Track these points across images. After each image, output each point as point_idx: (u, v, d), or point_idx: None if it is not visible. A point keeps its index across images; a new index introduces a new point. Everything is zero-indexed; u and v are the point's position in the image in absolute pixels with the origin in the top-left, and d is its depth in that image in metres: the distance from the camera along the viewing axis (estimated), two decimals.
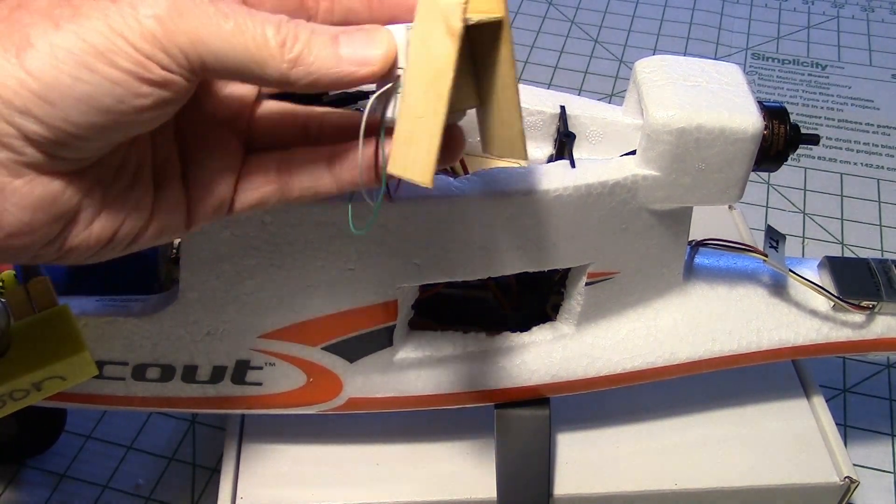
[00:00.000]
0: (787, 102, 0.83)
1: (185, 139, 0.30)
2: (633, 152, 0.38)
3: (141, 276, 0.41)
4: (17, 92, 0.24)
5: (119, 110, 0.25)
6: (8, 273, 0.36)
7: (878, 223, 0.72)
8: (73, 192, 0.26)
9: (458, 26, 0.28)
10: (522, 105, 0.40)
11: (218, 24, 0.25)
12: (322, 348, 0.40)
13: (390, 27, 0.29)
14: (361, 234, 0.34)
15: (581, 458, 0.46)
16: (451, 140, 0.30)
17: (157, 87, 0.25)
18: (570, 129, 0.40)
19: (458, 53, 0.28)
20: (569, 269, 0.41)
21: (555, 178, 0.37)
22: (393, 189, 0.34)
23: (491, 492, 0.44)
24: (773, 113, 0.39)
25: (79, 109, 0.24)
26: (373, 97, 0.29)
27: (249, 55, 0.26)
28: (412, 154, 0.29)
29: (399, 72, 0.28)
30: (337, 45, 0.27)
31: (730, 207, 0.60)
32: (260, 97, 0.32)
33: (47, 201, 0.26)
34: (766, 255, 0.44)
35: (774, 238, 0.45)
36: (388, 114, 0.29)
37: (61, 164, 0.26)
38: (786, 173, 0.68)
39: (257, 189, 0.30)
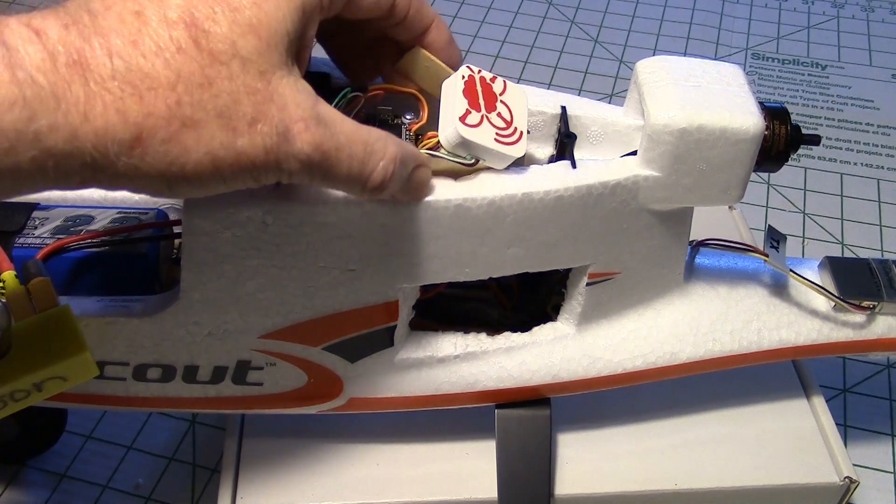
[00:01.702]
0: (788, 102, 0.83)
1: None
2: (635, 153, 0.38)
3: (142, 277, 0.41)
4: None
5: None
6: (9, 273, 0.36)
7: (878, 223, 0.72)
8: None
9: None
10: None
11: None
12: (323, 348, 0.40)
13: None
14: None
15: (581, 458, 0.46)
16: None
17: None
18: (571, 129, 0.40)
19: None
20: (569, 270, 0.41)
21: (556, 179, 0.37)
22: None
23: (491, 492, 0.44)
24: (774, 113, 0.39)
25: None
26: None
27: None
28: None
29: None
30: (406, 190, 0.34)
31: (730, 207, 0.60)
32: None
33: None
34: (767, 256, 0.44)
35: (775, 238, 0.45)
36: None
37: None
38: (786, 173, 0.68)
39: None
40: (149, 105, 0.26)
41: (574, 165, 0.38)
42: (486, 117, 0.36)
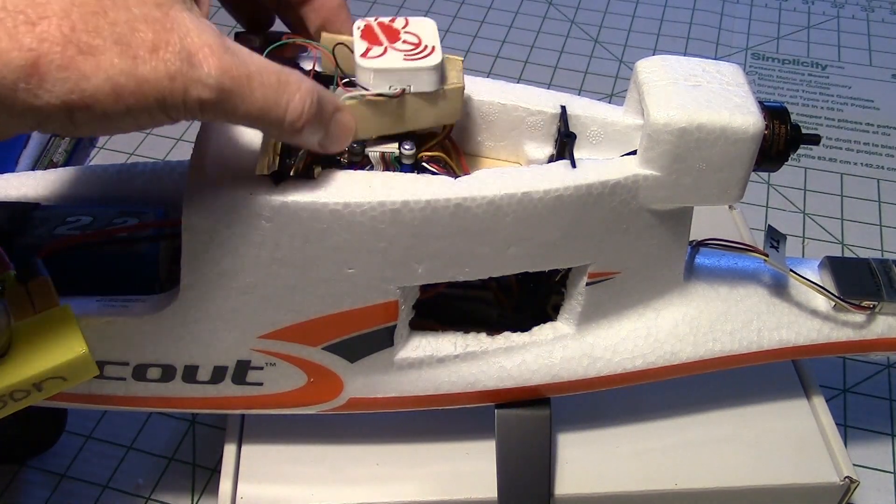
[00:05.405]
0: (787, 102, 0.83)
1: None
2: (634, 152, 0.38)
3: (142, 277, 0.41)
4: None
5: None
6: (8, 273, 0.36)
7: (878, 223, 0.72)
8: None
9: None
10: (523, 105, 0.41)
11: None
12: (323, 348, 0.40)
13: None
14: None
15: (581, 458, 0.46)
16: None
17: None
18: (571, 129, 0.40)
19: None
20: (569, 270, 0.41)
21: (555, 178, 0.37)
22: None
23: (491, 492, 0.44)
24: (774, 113, 0.39)
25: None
26: None
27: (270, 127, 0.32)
28: None
29: None
30: (327, 133, 0.34)
31: (730, 207, 0.60)
32: None
33: None
34: (767, 255, 0.44)
35: (775, 238, 0.45)
36: None
37: None
38: (786, 173, 0.68)
39: None
40: (42, 32, 0.26)
41: (574, 165, 0.38)
42: (390, 47, 0.36)
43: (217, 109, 0.29)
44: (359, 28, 0.37)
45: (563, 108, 0.41)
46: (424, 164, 0.39)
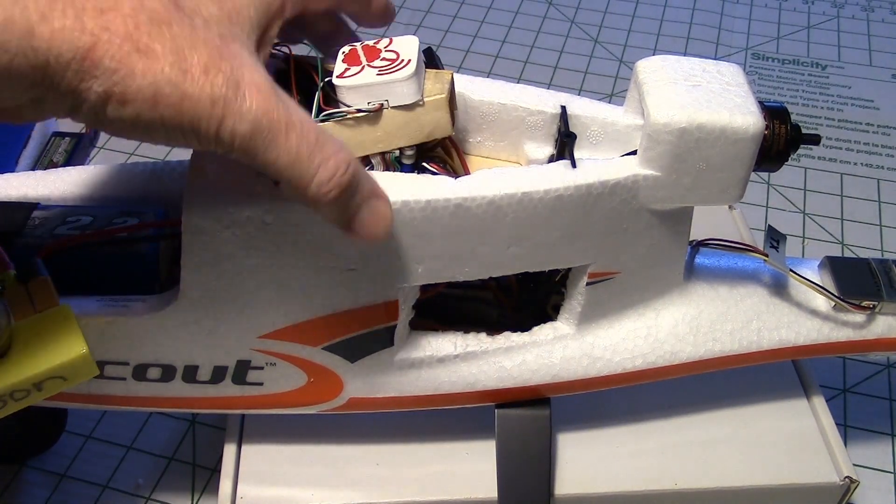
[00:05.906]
0: (787, 102, 0.83)
1: None
2: (634, 152, 0.38)
3: (142, 277, 0.41)
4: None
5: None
6: (8, 273, 0.36)
7: (878, 223, 0.72)
8: None
9: None
10: (523, 105, 0.41)
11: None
12: (323, 348, 0.40)
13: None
14: None
15: (581, 458, 0.46)
16: None
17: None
18: (571, 129, 0.40)
19: None
20: (569, 269, 0.41)
21: (555, 178, 0.37)
22: None
23: (491, 492, 0.44)
24: (774, 113, 0.39)
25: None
26: None
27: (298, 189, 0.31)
28: None
29: None
30: (357, 214, 0.32)
31: (730, 207, 0.60)
32: None
33: None
34: (767, 255, 0.44)
35: (775, 238, 0.45)
36: None
37: None
38: (786, 173, 0.68)
39: None
40: (108, 21, 0.26)
41: (574, 165, 0.38)
42: (367, 65, 0.36)
43: (248, 146, 0.29)
44: (343, 53, 0.37)
45: (563, 108, 0.41)
46: (424, 164, 0.39)
